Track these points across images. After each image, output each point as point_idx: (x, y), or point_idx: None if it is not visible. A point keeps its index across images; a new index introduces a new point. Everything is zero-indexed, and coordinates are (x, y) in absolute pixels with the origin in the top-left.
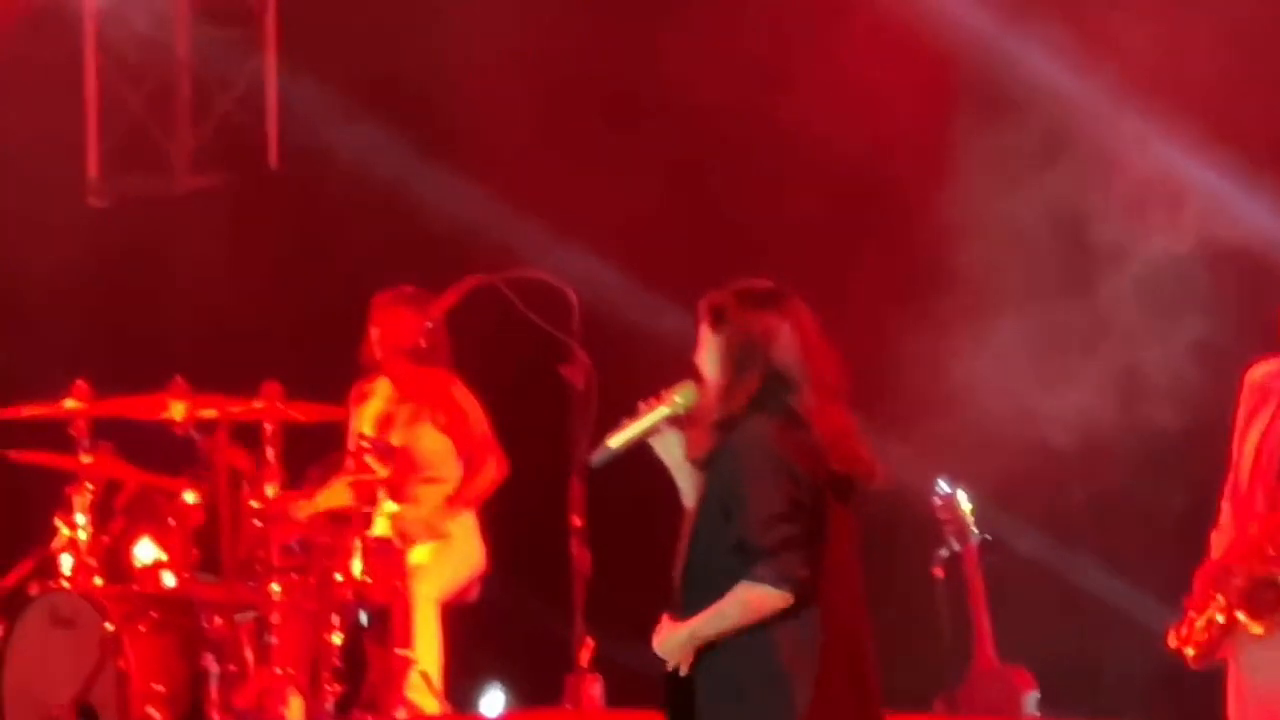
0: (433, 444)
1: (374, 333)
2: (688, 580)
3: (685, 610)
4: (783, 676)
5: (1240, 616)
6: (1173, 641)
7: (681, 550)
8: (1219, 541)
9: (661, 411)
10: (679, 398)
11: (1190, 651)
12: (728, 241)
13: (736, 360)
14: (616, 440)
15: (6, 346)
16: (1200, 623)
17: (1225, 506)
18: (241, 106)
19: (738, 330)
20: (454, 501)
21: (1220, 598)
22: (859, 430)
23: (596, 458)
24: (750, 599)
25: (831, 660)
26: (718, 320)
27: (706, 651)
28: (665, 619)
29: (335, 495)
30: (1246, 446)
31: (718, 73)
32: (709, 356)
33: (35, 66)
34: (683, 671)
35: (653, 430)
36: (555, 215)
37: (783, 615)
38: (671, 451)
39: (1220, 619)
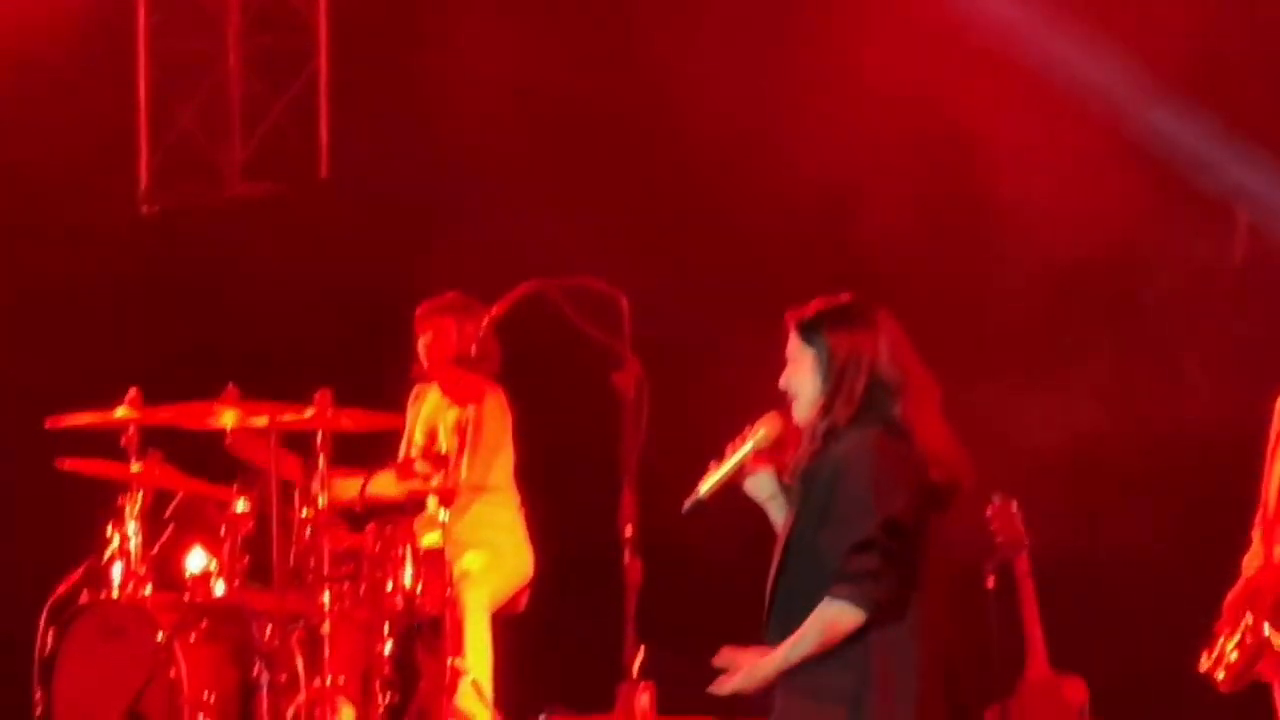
0: None
1: (420, 342)
2: (778, 599)
3: (772, 628)
4: (873, 689)
5: (1268, 633)
6: (1204, 665)
7: (774, 569)
8: (1250, 565)
9: (747, 449)
10: (762, 432)
11: (1220, 675)
12: (781, 251)
13: (839, 371)
14: (706, 486)
15: (58, 355)
16: (1230, 645)
17: (1255, 534)
18: (292, 115)
19: (839, 342)
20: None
21: (1249, 617)
22: (956, 438)
23: (688, 505)
24: (829, 617)
25: (926, 673)
26: (812, 334)
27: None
28: (735, 650)
29: (382, 483)
30: (1275, 474)
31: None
32: (803, 371)
33: (87, 75)
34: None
35: (741, 469)
36: (608, 221)
37: (876, 630)
38: (763, 488)
39: (1249, 639)
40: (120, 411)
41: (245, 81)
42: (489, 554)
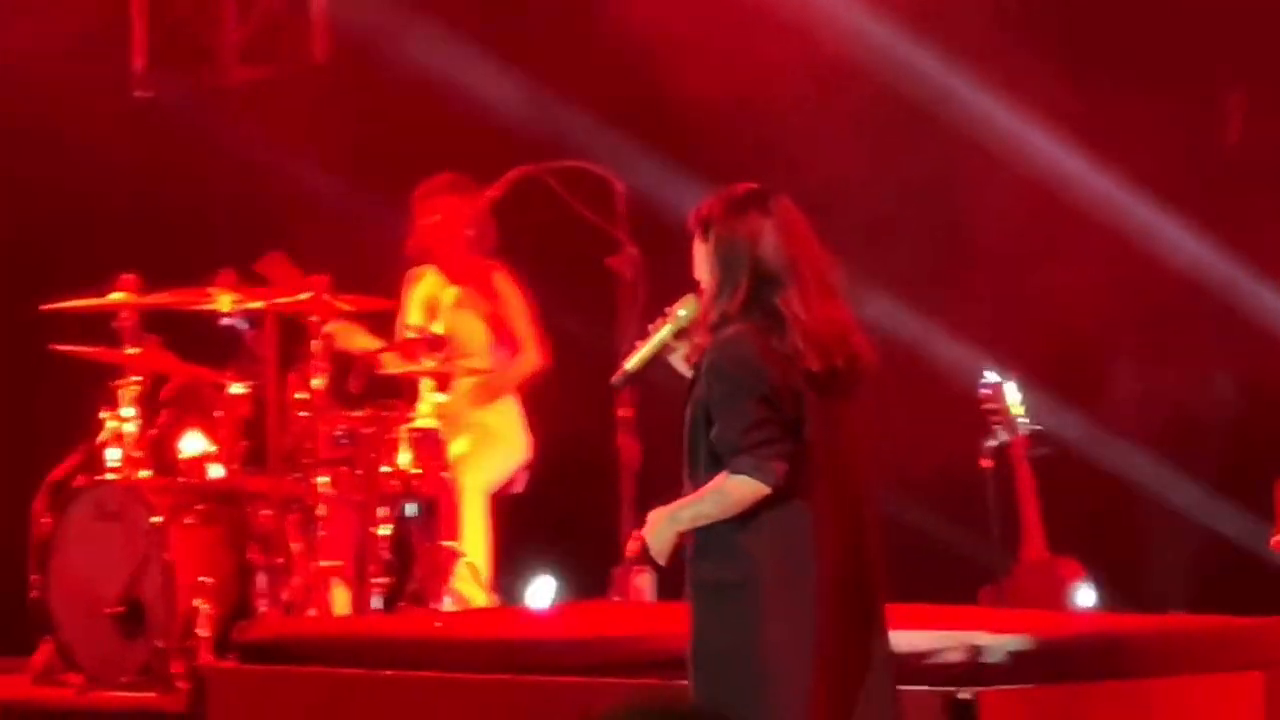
0: (476, 332)
1: (424, 221)
2: (685, 489)
3: None
4: (759, 576)
5: None
6: (1275, 544)
7: (684, 459)
8: None
9: (668, 329)
10: (682, 312)
11: None
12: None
13: (724, 263)
14: (631, 363)
15: (53, 241)
16: None
17: None
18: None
19: (722, 236)
20: (482, 390)
21: None
22: (852, 322)
23: (616, 380)
24: (726, 486)
25: (825, 564)
26: (705, 229)
27: (695, 554)
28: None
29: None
30: None
31: None
32: (701, 263)
33: None
34: (661, 563)
35: (664, 347)
36: (604, 104)
37: (764, 513)
38: (684, 365)
39: None
40: (116, 296)
41: None
42: (485, 436)
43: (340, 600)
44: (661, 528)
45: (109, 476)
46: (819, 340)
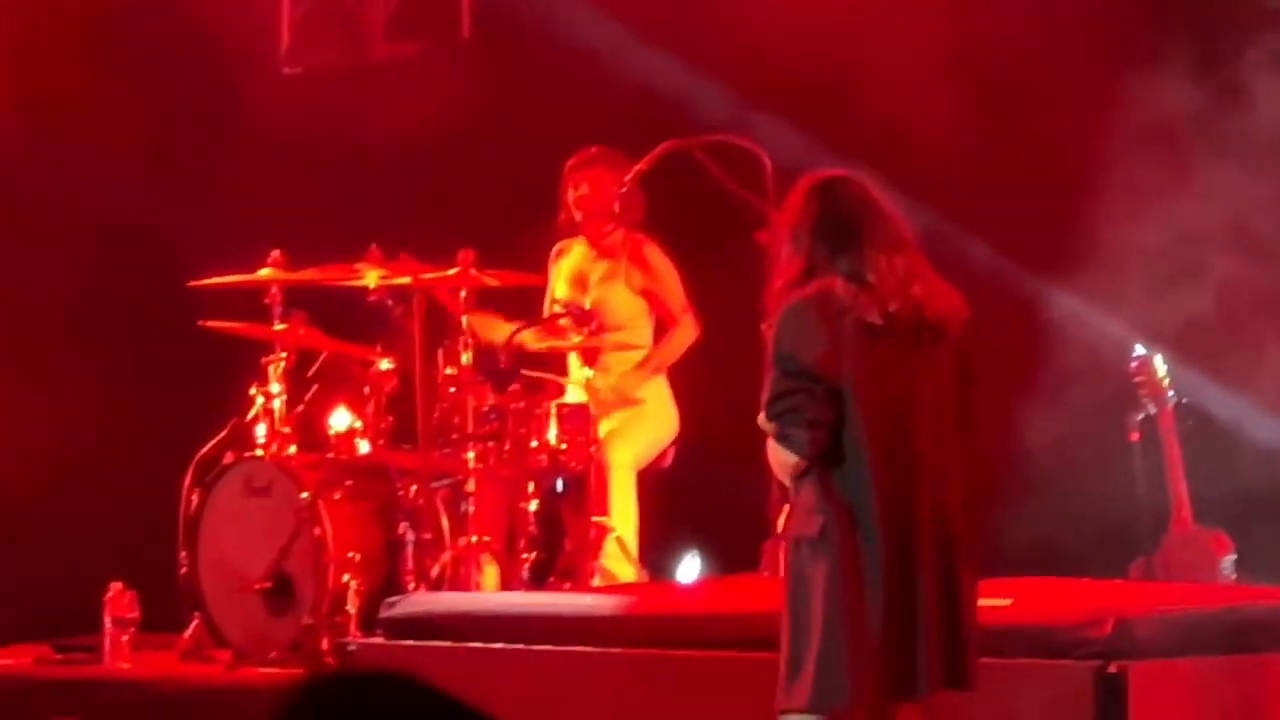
0: (626, 305)
1: (572, 194)
2: None
3: None
4: (835, 521)
5: None
6: None
7: None
8: None
9: None
10: None
11: None
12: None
13: (797, 237)
14: None
15: (201, 216)
16: None
17: None
18: None
19: (797, 212)
20: (645, 364)
21: None
22: (927, 274)
23: None
24: (771, 447)
25: (888, 507)
26: (787, 212)
27: (790, 512)
28: None
29: (528, 337)
30: None
31: None
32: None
33: None
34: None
35: None
36: (749, 80)
37: (827, 470)
38: None
39: None
40: (264, 272)
41: None
42: (634, 411)
43: (489, 576)
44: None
45: (257, 452)
46: (876, 294)
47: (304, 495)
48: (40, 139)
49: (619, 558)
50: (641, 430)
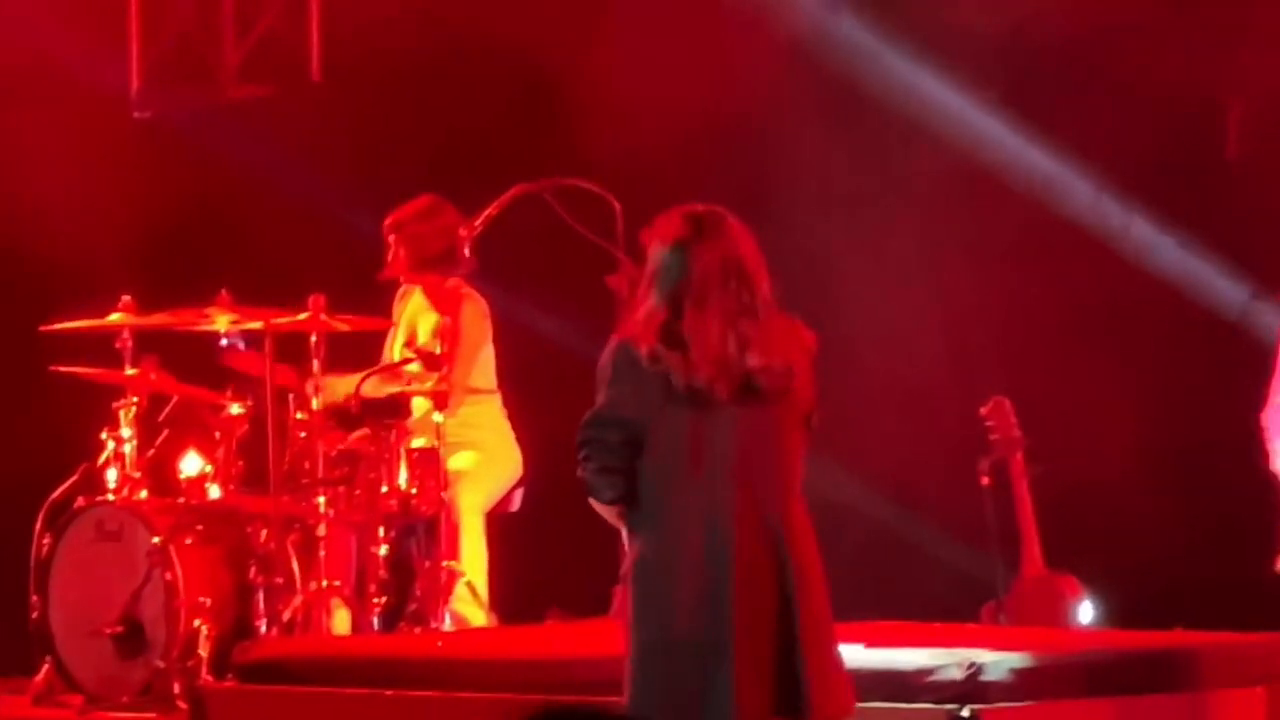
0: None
1: (396, 250)
2: None
3: None
4: (636, 573)
5: None
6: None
7: None
8: None
9: None
10: None
11: None
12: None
13: (650, 283)
14: None
15: (51, 261)
16: None
17: None
18: (285, 18)
19: (654, 256)
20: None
21: None
22: (762, 342)
23: None
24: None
25: (681, 562)
26: (648, 246)
27: None
28: None
29: (374, 385)
30: None
31: None
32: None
33: None
34: None
35: None
36: (602, 121)
37: (635, 514)
38: None
39: None
40: (114, 316)
41: None
42: (478, 454)
43: (340, 620)
44: None
45: (109, 497)
46: (702, 362)
47: (155, 540)
48: None
49: (470, 601)
50: (487, 473)
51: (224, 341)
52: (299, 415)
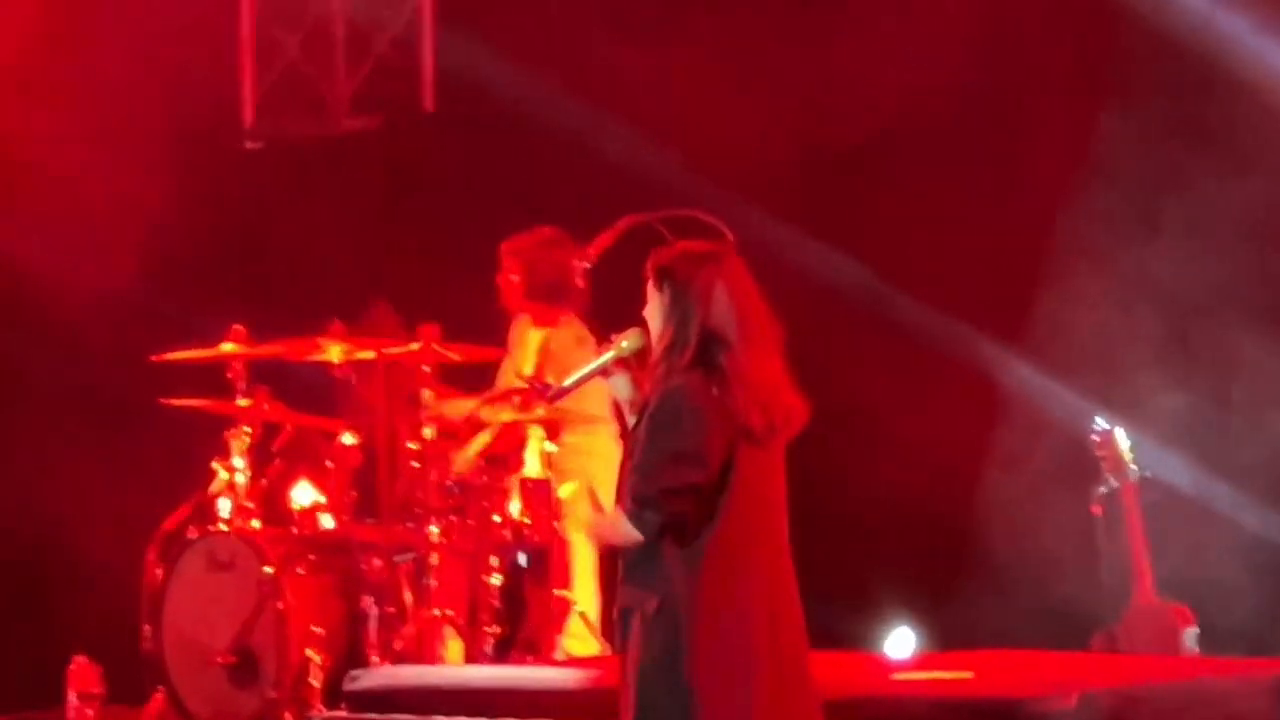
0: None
1: (509, 277)
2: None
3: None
4: (676, 604)
5: None
6: None
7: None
8: None
9: (609, 355)
10: (625, 343)
11: None
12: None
13: (676, 321)
14: (569, 380)
15: (163, 292)
16: None
17: None
18: (397, 48)
19: (677, 292)
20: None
21: None
22: (786, 380)
23: (552, 393)
24: (623, 525)
25: (708, 597)
26: (660, 281)
27: (621, 579)
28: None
29: (487, 411)
30: None
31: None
32: (652, 313)
33: (190, 10)
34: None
35: (603, 370)
36: (706, 153)
37: (669, 551)
38: (621, 391)
39: None
40: (226, 346)
41: (349, 14)
42: (584, 484)
43: (453, 650)
44: (593, 528)
45: (221, 527)
46: (759, 397)
47: (267, 569)
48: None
49: (584, 634)
50: (597, 502)
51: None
52: (411, 444)
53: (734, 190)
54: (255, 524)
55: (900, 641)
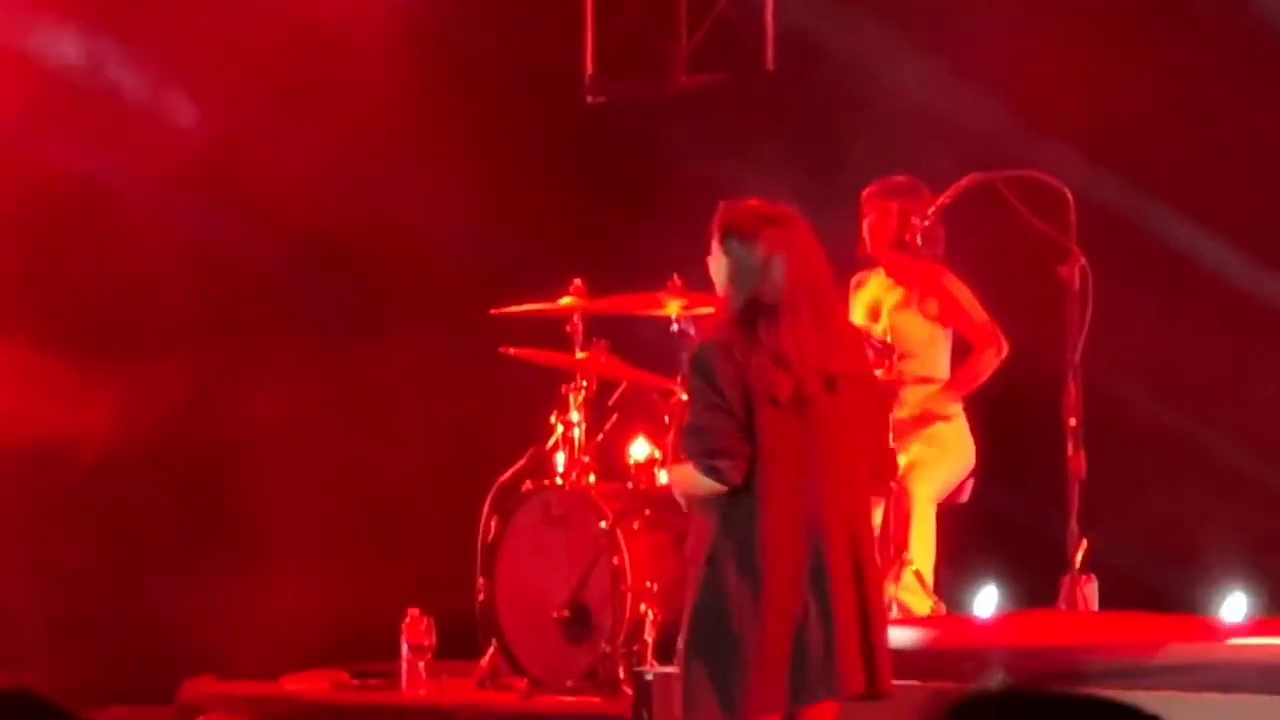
0: (919, 332)
1: (864, 223)
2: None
3: None
4: (717, 554)
5: None
6: None
7: None
8: None
9: None
10: None
11: None
12: (1220, 144)
13: (733, 281)
14: None
15: (503, 245)
16: None
17: None
18: (737, 6)
19: (738, 252)
20: (950, 387)
21: None
22: (841, 346)
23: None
24: (686, 473)
25: (773, 545)
26: (724, 240)
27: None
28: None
29: None
30: None
31: None
32: (715, 268)
33: None
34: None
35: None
36: (1051, 114)
37: (722, 505)
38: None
39: None
40: (565, 300)
41: None
42: (935, 445)
43: None
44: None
45: (557, 481)
46: (790, 364)
47: (603, 524)
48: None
49: (916, 590)
50: (941, 464)
51: (675, 327)
52: None
53: (1078, 149)
54: (591, 479)
55: (1234, 605)
